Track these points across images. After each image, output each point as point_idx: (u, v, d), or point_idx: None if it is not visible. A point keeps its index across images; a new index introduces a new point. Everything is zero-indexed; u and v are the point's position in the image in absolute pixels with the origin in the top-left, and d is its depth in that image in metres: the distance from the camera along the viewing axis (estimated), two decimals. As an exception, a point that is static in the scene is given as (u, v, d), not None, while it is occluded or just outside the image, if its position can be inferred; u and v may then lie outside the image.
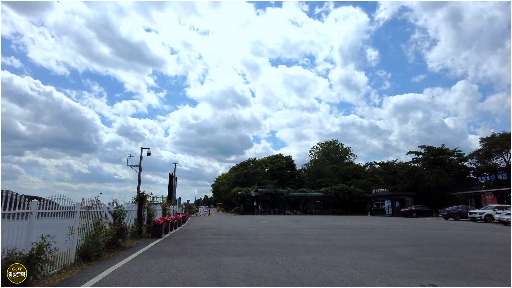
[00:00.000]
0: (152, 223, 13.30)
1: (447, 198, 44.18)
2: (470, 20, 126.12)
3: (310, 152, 77.67)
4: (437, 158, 50.13)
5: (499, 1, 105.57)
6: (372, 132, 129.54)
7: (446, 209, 33.23)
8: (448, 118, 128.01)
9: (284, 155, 66.64)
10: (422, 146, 54.51)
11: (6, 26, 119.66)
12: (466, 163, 52.43)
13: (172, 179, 33.32)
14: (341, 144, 75.59)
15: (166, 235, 13.73)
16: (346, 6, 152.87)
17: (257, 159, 64.23)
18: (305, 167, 73.86)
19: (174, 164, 38.78)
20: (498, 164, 48.50)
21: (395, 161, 57.80)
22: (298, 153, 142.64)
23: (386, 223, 23.96)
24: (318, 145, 77.42)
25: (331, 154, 73.26)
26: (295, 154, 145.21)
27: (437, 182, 44.40)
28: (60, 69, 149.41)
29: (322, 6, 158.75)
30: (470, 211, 29.45)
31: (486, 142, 48.20)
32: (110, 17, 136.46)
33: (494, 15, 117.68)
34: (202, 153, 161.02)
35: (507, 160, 46.92)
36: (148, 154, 26.73)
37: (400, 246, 10.20)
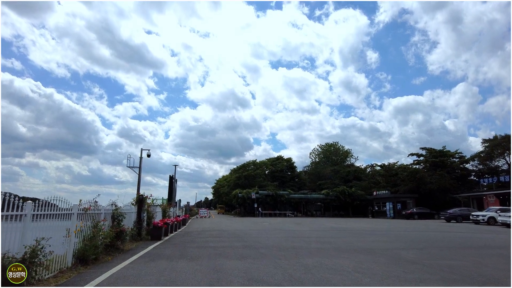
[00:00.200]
0: (151, 225, 13.11)
1: (449, 200, 43.90)
2: (470, 22, 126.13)
3: (310, 154, 77.47)
4: (438, 160, 49.87)
5: (499, 3, 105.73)
6: (372, 134, 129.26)
7: (448, 211, 32.97)
8: (448, 120, 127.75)
9: (284, 157, 66.45)
10: (423, 148, 54.25)
11: (7, 28, 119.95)
12: (467, 165, 52.14)
13: (172, 181, 33.14)
14: (341, 146, 75.31)
15: (166, 238, 13.54)
16: (346, 8, 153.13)
17: (257, 161, 63.94)
18: (305, 169, 73.55)
19: (174, 166, 38.72)
20: (500, 166, 48.23)
21: (396, 163, 57.58)
22: (298, 155, 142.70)
23: (388, 226, 23.73)
24: (319, 147, 77.17)
25: (332, 156, 72.98)
26: (296, 156, 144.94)
27: (438, 184, 44.14)
28: (60, 71, 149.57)
29: (322, 9, 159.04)
30: (473, 214, 29.20)
31: (488, 144, 47.95)
32: (110, 19, 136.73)
33: (494, 18, 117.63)
34: (202, 155, 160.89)
35: (509, 162, 46.68)
36: (148, 155, 26.56)
37: (404, 249, 10.00)
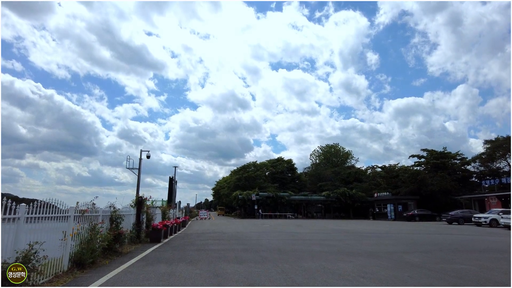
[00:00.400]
0: (151, 228, 12.92)
1: (450, 202, 43.63)
2: (470, 24, 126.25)
3: (311, 155, 77.31)
4: (439, 162, 49.61)
5: (499, 5, 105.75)
6: (372, 135, 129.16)
7: (450, 213, 32.74)
8: (448, 122, 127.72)
9: (285, 159, 66.21)
10: (424, 150, 53.95)
11: (8, 29, 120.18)
12: (469, 167, 51.90)
13: (172, 183, 32.92)
14: (342, 147, 75.13)
15: (166, 240, 13.35)
16: (346, 10, 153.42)
17: (258, 163, 63.62)
18: (306, 171, 73.28)
19: (174, 167, 38.48)
20: (502, 167, 47.98)
21: (397, 164, 57.30)
22: (298, 156, 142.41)
23: (389, 228, 23.52)
24: (319, 148, 77.04)
25: (332, 158, 72.79)
26: (296, 158, 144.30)
27: (440, 186, 43.88)
28: (61, 72, 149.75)
29: (322, 10, 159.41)
30: (475, 216, 28.98)
31: (490, 146, 47.73)
32: (111, 20, 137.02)
33: (494, 20, 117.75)
34: (202, 156, 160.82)
35: (511, 163, 46.43)
36: (147, 157, 26.36)
37: (408, 252, 9.80)
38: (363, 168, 65.75)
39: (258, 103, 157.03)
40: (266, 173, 62.05)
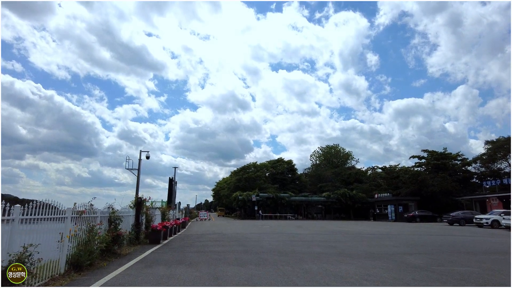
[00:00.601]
0: (150, 229, 12.80)
1: (451, 203, 43.49)
2: (470, 25, 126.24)
3: (311, 156, 77.21)
4: (440, 163, 49.48)
5: (499, 6, 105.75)
6: (372, 136, 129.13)
7: (451, 214, 32.60)
8: (448, 123, 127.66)
9: (285, 159, 66.07)
10: (425, 150, 53.80)
11: (8, 30, 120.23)
12: (469, 168, 51.77)
13: (172, 183, 32.80)
14: (342, 148, 75.07)
15: (165, 241, 13.22)
16: (346, 11, 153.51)
17: (258, 163, 63.49)
18: (306, 172, 73.14)
19: (174, 168, 38.40)
20: (503, 168, 47.83)
21: (398, 165, 57.19)
22: (298, 157, 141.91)
23: (390, 229, 23.39)
24: (319, 149, 76.96)
25: (333, 159, 72.68)
26: (296, 159, 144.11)
27: (440, 187, 43.74)
28: (61, 73, 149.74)
29: (322, 11, 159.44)
30: (476, 217, 28.83)
31: (490, 146, 47.59)
32: (111, 21, 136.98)
33: (494, 20, 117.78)
34: (202, 157, 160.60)
35: (511, 164, 46.30)
36: (147, 157, 26.27)
37: (410, 254, 9.68)
38: (364, 169, 65.71)
39: (258, 104, 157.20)
40: (266, 174, 61.94)
